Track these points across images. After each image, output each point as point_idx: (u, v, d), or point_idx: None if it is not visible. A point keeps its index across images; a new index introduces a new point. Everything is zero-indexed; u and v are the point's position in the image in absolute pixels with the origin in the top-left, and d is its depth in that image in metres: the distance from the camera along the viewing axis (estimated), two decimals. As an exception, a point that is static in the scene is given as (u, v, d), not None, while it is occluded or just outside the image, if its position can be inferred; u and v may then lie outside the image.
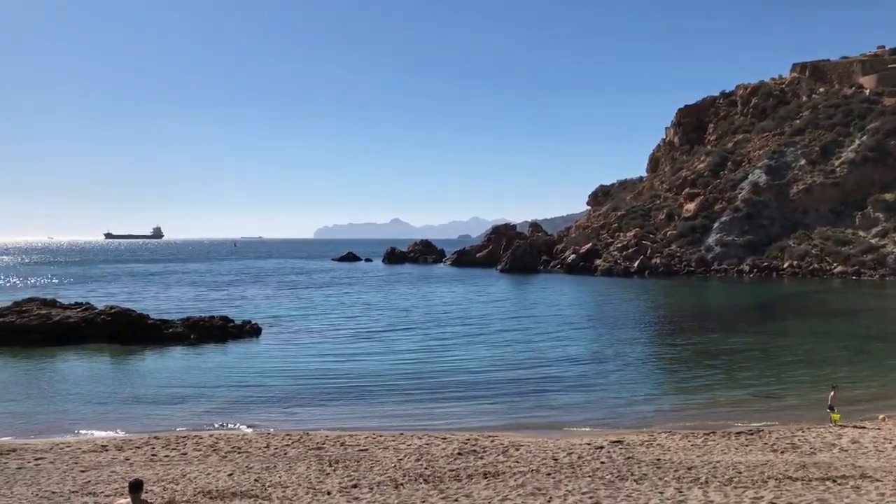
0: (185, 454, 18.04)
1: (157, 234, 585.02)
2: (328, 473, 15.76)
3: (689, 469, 15.53)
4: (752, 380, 28.48)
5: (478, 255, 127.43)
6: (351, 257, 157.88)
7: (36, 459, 17.45)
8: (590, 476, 15.15)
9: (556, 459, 16.73)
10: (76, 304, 43.34)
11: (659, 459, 16.57)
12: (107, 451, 18.41)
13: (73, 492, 14.66)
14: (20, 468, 16.68)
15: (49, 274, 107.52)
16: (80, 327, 38.52)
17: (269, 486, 14.79)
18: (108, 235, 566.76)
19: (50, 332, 38.02)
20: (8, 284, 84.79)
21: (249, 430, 21.17)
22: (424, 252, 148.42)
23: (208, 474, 15.90)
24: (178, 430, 21.27)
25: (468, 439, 19.21)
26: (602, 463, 16.37)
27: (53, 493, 14.61)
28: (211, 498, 14.05)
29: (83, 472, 16.31)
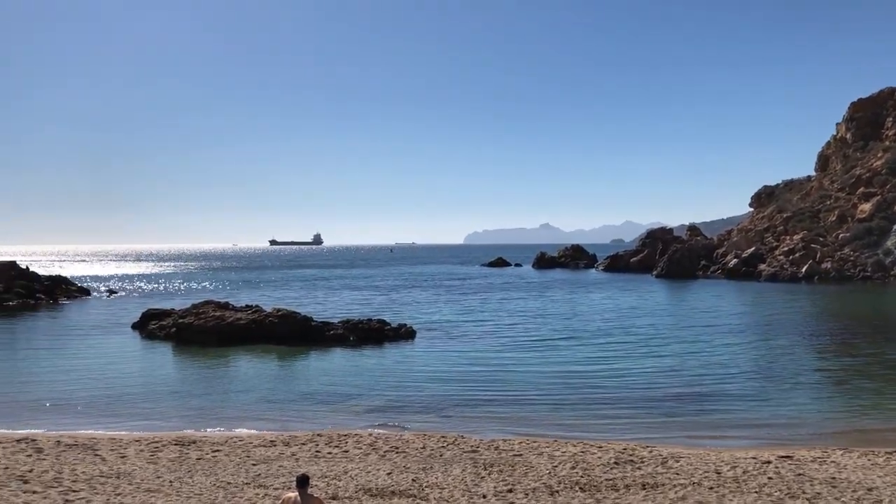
0: (346, 452, 18.76)
1: (318, 240, 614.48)
2: (483, 477, 15.87)
3: (870, 490, 14.36)
4: (943, 396, 25.95)
5: (632, 259, 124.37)
6: (501, 262, 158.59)
7: (213, 451, 18.73)
8: (756, 492, 14.36)
9: (718, 473, 15.98)
10: (247, 306, 46.22)
11: (834, 478, 15.44)
12: (275, 446, 19.46)
13: (246, 483, 15.61)
14: (199, 459, 17.98)
15: (225, 279, 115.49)
16: (249, 329, 41.04)
17: (426, 487, 15.09)
18: (273, 242, 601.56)
19: (223, 332, 40.79)
20: (190, 288, 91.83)
21: (406, 431, 21.71)
22: (575, 257, 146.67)
23: (368, 472, 16.44)
24: (339, 428, 22.16)
25: (625, 448, 18.74)
26: (770, 478, 15.46)
27: (229, 483, 15.62)
28: (371, 495, 14.51)
29: (254, 465, 17.34)
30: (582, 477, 15.76)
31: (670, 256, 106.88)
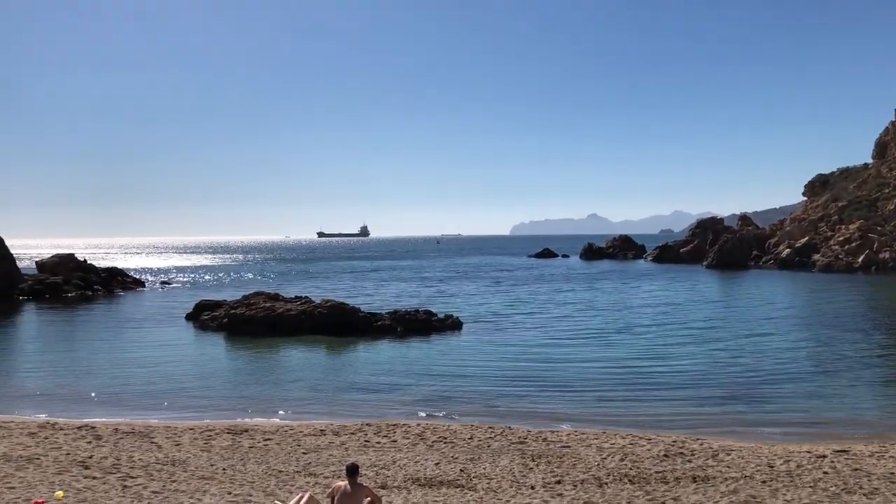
0: (395, 441, 18.92)
1: (364, 232, 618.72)
2: (531, 468, 15.86)
3: (931, 486, 13.95)
4: None
5: (681, 250, 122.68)
6: (547, 253, 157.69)
7: (264, 440, 19.08)
8: (811, 486, 14.07)
9: (771, 467, 15.70)
10: (296, 297, 46.86)
11: (893, 473, 15.03)
12: (325, 435, 19.73)
13: (297, 472, 15.87)
14: (251, 447, 18.33)
15: (275, 270, 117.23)
16: (299, 319, 41.59)
17: (474, 477, 15.14)
18: (321, 234, 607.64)
19: (273, 323, 41.43)
20: (241, 280, 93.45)
21: (454, 422, 21.80)
22: (623, 248, 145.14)
23: (417, 462, 16.57)
24: (388, 418, 22.36)
25: (675, 441, 18.53)
26: (825, 473, 15.14)
27: (280, 471, 15.89)
28: (420, 485, 14.62)
29: (305, 453, 17.61)
30: (631, 469, 15.65)
31: (721, 247, 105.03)
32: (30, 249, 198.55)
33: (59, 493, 13.38)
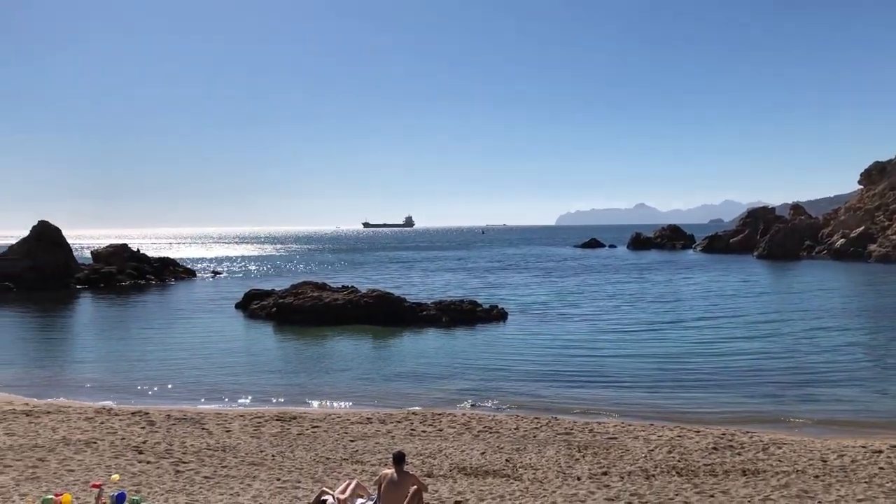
0: (440, 430, 19.01)
1: (409, 222, 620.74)
2: (577, 459, 15.79)
3: None
4: None
5: (731, 240, 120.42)
6: (594, 244, 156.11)
7: (312, 427, 19.34)
8: (866, 482, 13.73)
9: (824, 461, 15.36)
10: (343, 287, 47.31)
11: (953, 470, 14.58)
12: (371, 423, 19.91)
13: (344, 459, 16.06)
14: (300, 434, 18.60)
15: (322, 260, 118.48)
16: (345, 309, 41.99)
17: (519, 467, 15.14)
18: (366, 224, 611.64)
19: (320, 312, 41.90)
20: (289, 270, 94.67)
21: (500, 412, 21.81)
22: (672, 238, 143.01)
23: (462, 451, 16.62)
24: (433, 407, 22.46)
25: (724, 434, 18.25)
26: (881, 468, 14.75)
27: (327, 458, 16.10)
28: (465, 474, 14.67)
29: (352, 441, 17.80)
30: (679, 461, 15.46)
31: (772, 237, 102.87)
32: (86, 240, 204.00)
33: (116, 477, 13.76)
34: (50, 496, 12.38)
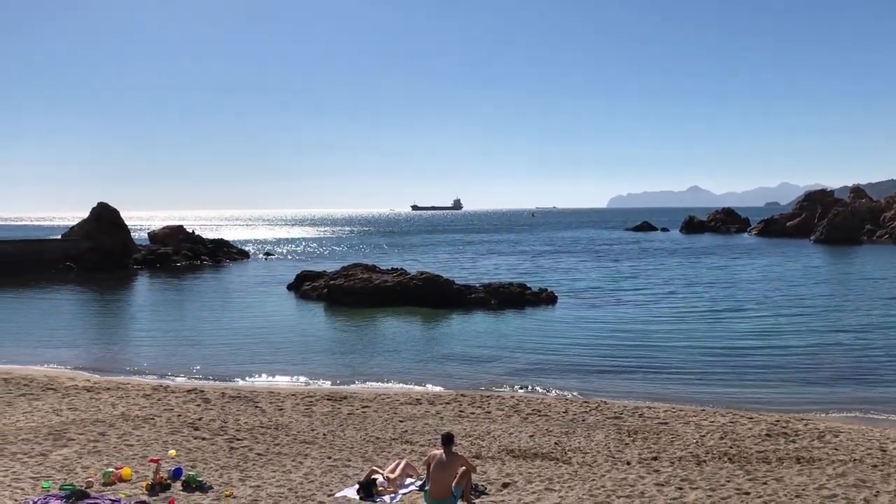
0: (489, 413, 19.06)
1: (457, 205, 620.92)
2: (627, 443, 15.67)
3: None
4: None
5: (788, 224, 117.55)
6: (646, 227, 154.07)
7: (362, 407, 19.57)
8: (928, 473, 13.33)
9: (883, 451, 14.96)
10: (392, 269, 47.59)
11: None
12: (420, 404, 20.06)
13: (394, 439, 16.23)
14: (350, 414, 18.84)
15: (373, 243, 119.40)
16: (395, 291, 42.26)
17: (568, 451, 15.10)
18: (415, 207, 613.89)
19: (370, 294, 42.25)
20: (340, 252, 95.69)
21: (548, 395, 21.76)
22: (726, 221, 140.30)
23: (510, 434, 16.64)
24: (481, 389, 22.52)
25: (777, 420, 17.90)
26: (944, 460, 14.31)
27: (378, 438, 16.30)
28: (514, 456, 14.70)
29: (401, 421, 17.97)
30: (731, 448, 15.24)
31: (831, 220, 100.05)
32: (143, 221, 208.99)
33: (173, 452, 14.15)
34: (111, 469, 12.81)
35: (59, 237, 76.03)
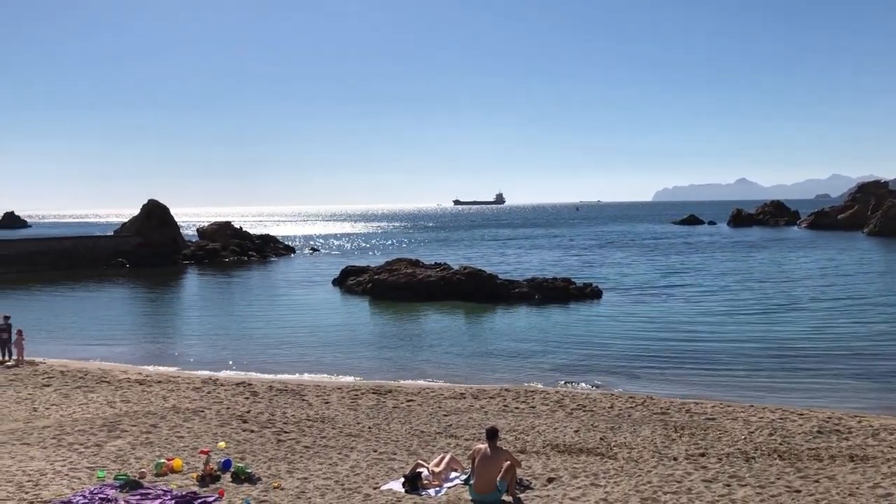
0: (533, 407, 19.01)
1: (500, 199, 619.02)
2: (674, 439, 15.49)
3: None
4: None
5: (839, 216, 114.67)
6: (692, 220, 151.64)
7: (407, 401, 19.69)
8: None
9: (942, 450, 14.53)
10: (436, 264, 47.73)
11: None
12: (465, 398, 20.11)
13: (438, 433, 16.30)
14: (395, 407, 18.97)
15: (416, 238, 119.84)
16: (438, 285, 42.39)
17: (614, 446, 14.99)
18: (457, 202, 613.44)
19: (413, 289, 42.46)
20: (384, 246, 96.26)
21: (594, 390, 21.62)
22: (775, 214, 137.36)
23: (555, 429, 16.57)
24: (525, 383, 22.48)
25: (829, 417, 17.50)
26: None
27: (422, 432, 16.38)
28: (559, 451, 14.64)
29: (445, 415, 18.03)
30: (781, 444, 14.95)
31: (885, 212, 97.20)
32: (192, 217, 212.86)
33: (222, 444, 14.43)
34: (162, 460, 13.11)
35: (112, 234, 77.96)
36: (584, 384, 22.44)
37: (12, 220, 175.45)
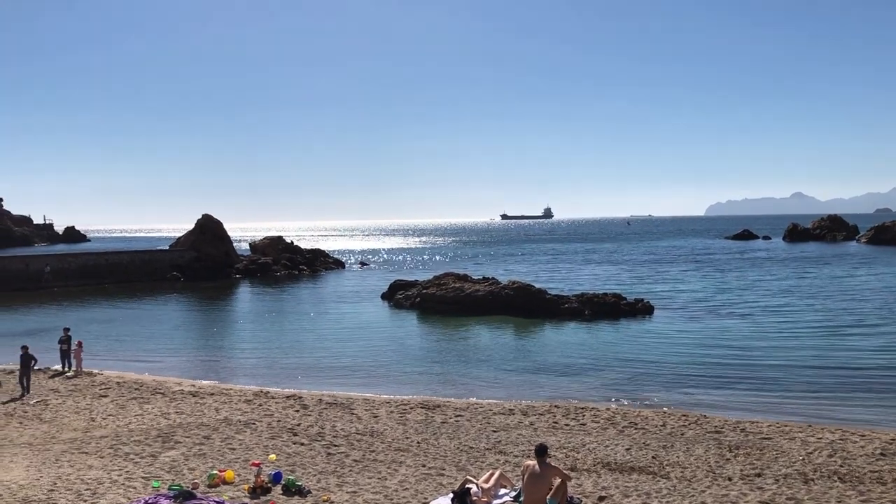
0: (583, 425, 18.78)
1: (548, 214, 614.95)
2: (728, 459, 15.13)
3: None
4: None
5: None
6: (747, 235, 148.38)
7: (456, 416, 19.64)
8: None
9: None
10: (484, 278, 47.65)
11: None
12: (514, 414, 19.97)
13: (487, 449, 16.21)
14: (443, 422, 18.94)
15: (464, 253, 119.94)
16: (486, 300, 42.29)
17: (666, 465, 14.71)
18: (504, 216, 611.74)
19: (461, 303, 42.46)
20: (432, 261, 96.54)
21: (645, 408, 21.26)
22: (832, 228, 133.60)
23: (606, 446, 16.34)
24: (575, 400, 22.22)
25: (893, 439, 16.86)
26: None
27: (471, 447, 16.31)
28: (610, 469, 14.43)
29: (494, 431, 17.93)
30: (841, 466, 14.48)
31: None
32: (244, 232, 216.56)
33: (273, 457, 14.58)
34: (215, 472, 13.31)
35: (167, 248, 79.82)
36: (635, 401, 22.08)
37: (73, 235, 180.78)
